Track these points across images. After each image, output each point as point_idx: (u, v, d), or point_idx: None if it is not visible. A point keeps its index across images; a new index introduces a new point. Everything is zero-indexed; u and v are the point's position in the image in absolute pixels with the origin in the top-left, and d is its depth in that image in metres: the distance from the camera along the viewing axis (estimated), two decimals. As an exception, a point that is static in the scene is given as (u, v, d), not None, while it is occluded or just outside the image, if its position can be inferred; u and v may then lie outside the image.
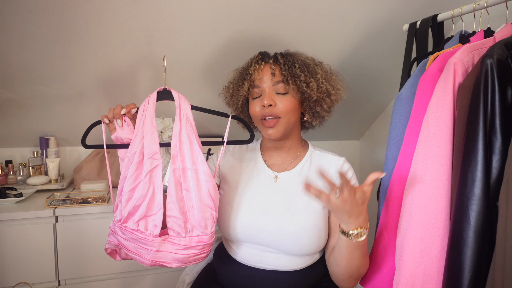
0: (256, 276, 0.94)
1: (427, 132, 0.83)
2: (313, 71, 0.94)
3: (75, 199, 1.30)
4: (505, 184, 0.68)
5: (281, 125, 0.93)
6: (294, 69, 0.92)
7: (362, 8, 1.27)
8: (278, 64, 0.94)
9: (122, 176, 0.84)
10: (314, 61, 0.98)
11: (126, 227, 0.83)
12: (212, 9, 1.17)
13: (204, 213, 0.84)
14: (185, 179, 0.83)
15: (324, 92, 0.95)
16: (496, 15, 1.02)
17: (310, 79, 0.92)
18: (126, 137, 0.86)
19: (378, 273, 0.96)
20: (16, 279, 1.20)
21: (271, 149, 1.03)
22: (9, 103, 1.37)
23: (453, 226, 0.76)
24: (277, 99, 0.92)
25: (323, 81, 0.94)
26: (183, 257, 0.83)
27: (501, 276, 0.66)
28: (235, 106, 1.04)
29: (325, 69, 0.98)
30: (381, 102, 1.83)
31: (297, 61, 0.94)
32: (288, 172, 0.98)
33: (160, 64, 1.34)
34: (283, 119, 0.93)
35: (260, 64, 0.95)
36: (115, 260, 0.94)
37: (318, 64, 0.98)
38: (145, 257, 0.84)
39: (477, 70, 0.75)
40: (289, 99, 0.93)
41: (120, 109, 0.86)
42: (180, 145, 0.84)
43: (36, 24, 1.10)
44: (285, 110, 0.92)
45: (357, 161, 2.17)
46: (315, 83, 0.93)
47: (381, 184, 1.07)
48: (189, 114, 0.86)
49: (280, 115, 0.92)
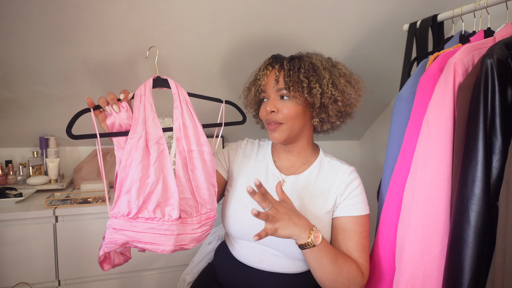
0: (255, 277, 0.94)
1: (427, 132, 0.83)
2: (320, 75, 0.91)
3: (75, 199, 1.30)
4: (505, 184, 0.68)
5: (283, 130, 0.93)
6: (299, 74, 0.91)
7: (362, 8, 1.27)
8: (283, 70, 0.93)
9: (123, 165, 0.79)
10: (328, 63, 0.95)
11: (139, 218, 0.79)
12: (212, 9, 1.17)
13: (210, 191, 0.88)
14: (191, 160, 0.86)
15: (329, 98, 0.92)
16: (496, 15, 1.02)
17: (315, 84, 0.90)
18: (126, 123, 0.81)
19: (378, 273, 0.96)
20: (16, 279, 1.20)
21: (280, 151, 1.03)
22: (9, 103, 1.37)
23: (453, 226, 0.76)
24: (280, 105, 0.93)
25: (328, 86, 0.91)
26: (199, 235, 0.86)
27: (501, 276, 0.66)
28: (252, 107, 1.06)
29: (336, 72, 0.94)
30: (381, 102, 1.83)
31: (304, 66, 0.92)
32: (296, 176, 0.98)
33: (160, 64, 1.34)
34: (285, 125, 0.93)
35: (268, 69, 0.96)
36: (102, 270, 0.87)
37: (329, 67, 0.94)
38: (166, 244, 0.81)
39: (477, 70, 0.75)
40: (292, 105, 0.92)
41: (113, 96, 0.81)
42: (184, 128, 0.86)
43: (36, 24, 1.10)
44: (287, 117, 0.92)
45: (357, 161, 2.17)
46: (320, 89, 0.90)
47: (381, 184, 1.07)
48: (187, 99, 0.89)
49: (282, 121, 0.93)
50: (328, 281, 0.85)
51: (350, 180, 0.96)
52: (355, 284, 0.86)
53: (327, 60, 0.96)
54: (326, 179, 0.97)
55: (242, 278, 0.96)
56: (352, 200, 0.94)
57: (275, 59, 0.97)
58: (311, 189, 0.96)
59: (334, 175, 0.97)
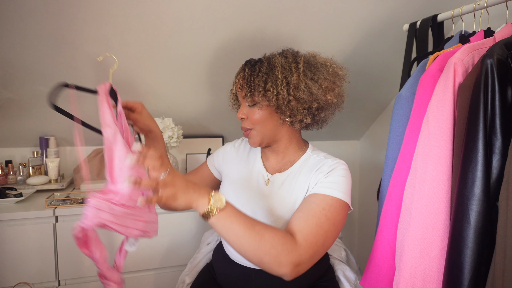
0: (251, 276, 0.94)
1: (427, 132, 0.83)
2: (273, 76, 0.88)
3: (75, 199, 1.30)
4: (505, 184, 0.68)
5: (254, 135, 0.94)
6: (255, 79, 0.90)
7: (362, 8, 1.27)
8: (245, 77, 0.93)
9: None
10: (289, 62, 0.90)
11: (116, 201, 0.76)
12: (212, 8, 1.17)
13: None
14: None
15: (284, 98, 0.88)
16: (496, 15, 1.02)
17: (270, 86, 0.88)
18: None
19: (378, 273, 0.96)
20: (16, 279, 1.19)
21: (267, 151, 1.02)
22: (9, 103, 1.37)
23: (453, 226, 0.76)
24: (248, 111, 0.94)
25: (283, 86, 0.87)
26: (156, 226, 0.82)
27: (501, 276, 0.66)
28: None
29: (294, 70, 0.88)
30: (381, 102, 1.83)
31: (262, 69, 0.90)
32: (280, 174, 0.98)
33: (160, 64, 1.34)
34: (255, 130, 0.94)
35: (239, 76, 0.95)
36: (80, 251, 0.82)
37: (287, 66, 0.89)
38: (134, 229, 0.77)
39: (477, 70, 0.75)
40: (256, 110, 0.92)
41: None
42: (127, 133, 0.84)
43: (37, 24, 1.10)
44: (254, 122, 0.93)
45: (357, 161, 2.17)
46: (274, 91, 0.88)
47: (381, 184, 1.07)
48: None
49: (251, 127, 0.94)
50: (250, 252, 0.72)
51: (331, 169, 0.90)
52: (285, 251, 0.72)
53: (294, 58, 0.91)
54: (307, 175, 0.93)
55: (239, 278, 0.96)
56: (327, 179, 0.88)
57: (245, 65, 0.95)
58: (293, 186, 0.94)
59: (316, 169, 0.93)
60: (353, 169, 2.17)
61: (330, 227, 0.80)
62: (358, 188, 2.18)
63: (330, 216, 0.81)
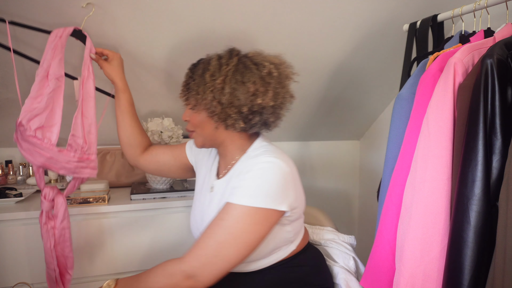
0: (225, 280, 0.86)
1: (427, 132, 0.83)
2: (204, 80, 0.85)
3: (75, 199, 1.30)
4: (505, 184, 0.68)
5: (196, 137, 0.96)
6: (192, 82, 0.89)
7: (362, 8, 1.27)
8: (185, 80, 0.93)
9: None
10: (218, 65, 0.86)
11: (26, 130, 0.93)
12: (211, 8, 1.17)
13: (96, 137, 1.03)
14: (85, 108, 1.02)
15: (211, 102, 0.85)
16: (496, 15, 1.02)
17: (198, 90, 0.86)
18: None
19: (378, 273, 0.96)
20: (16, 279, 1.19)
21: (219, 154, 1.01)
22: (9, 103, 1.37)
23: (453, 226, 0.76)
24: (189, 114, 0.94)
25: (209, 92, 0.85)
26: (72, 167, 0.98)
27: (501, 276, 0.66)
28: None
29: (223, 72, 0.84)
30: (381, 102, 1.83)
31: (198, 72, 0.88)
32: (221, 180, 0.95)
33: (160, 65, 1.34)
34: (195, 132, 0.94)
35: None
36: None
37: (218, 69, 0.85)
38: (37, 159, 0.95)
39: (477, 70, 0.75)
40: (192, 113, 0.92)
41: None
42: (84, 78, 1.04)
43: (37, 24, 1.09)
44: (193, 125, 0.93)
45: (357, 161, 2.17)
46: (200, 95, 0.86)
47: (381, 184, 1.07)
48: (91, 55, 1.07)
49: (192, 129, 0.95)
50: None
51: (247, 170, 0.83)
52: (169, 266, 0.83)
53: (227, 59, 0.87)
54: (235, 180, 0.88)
55: (225, 283, 0.89)
56: (238, 183, 0.83)
57: (189, 67, 0.94)
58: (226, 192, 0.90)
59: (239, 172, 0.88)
60: (353, 169, 2.17)
61: (226, 237, 0.79)
62: (358, 188, 2.18)
63: (226, 225, 0.80)
